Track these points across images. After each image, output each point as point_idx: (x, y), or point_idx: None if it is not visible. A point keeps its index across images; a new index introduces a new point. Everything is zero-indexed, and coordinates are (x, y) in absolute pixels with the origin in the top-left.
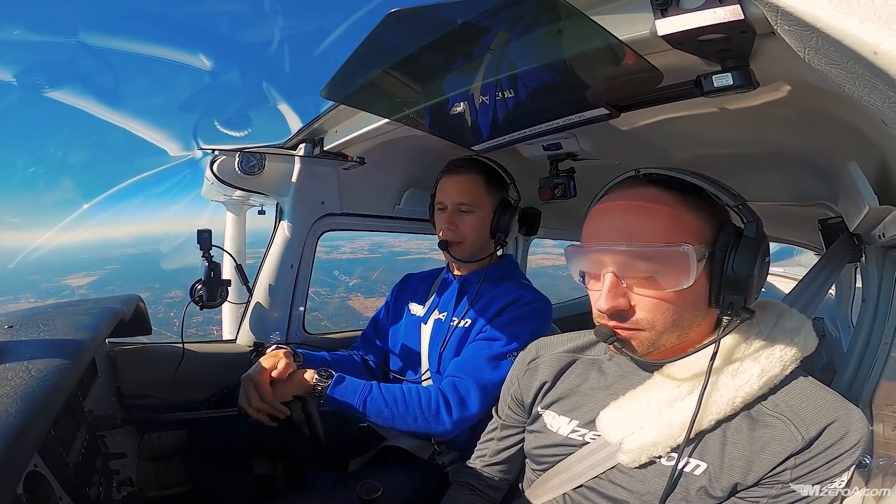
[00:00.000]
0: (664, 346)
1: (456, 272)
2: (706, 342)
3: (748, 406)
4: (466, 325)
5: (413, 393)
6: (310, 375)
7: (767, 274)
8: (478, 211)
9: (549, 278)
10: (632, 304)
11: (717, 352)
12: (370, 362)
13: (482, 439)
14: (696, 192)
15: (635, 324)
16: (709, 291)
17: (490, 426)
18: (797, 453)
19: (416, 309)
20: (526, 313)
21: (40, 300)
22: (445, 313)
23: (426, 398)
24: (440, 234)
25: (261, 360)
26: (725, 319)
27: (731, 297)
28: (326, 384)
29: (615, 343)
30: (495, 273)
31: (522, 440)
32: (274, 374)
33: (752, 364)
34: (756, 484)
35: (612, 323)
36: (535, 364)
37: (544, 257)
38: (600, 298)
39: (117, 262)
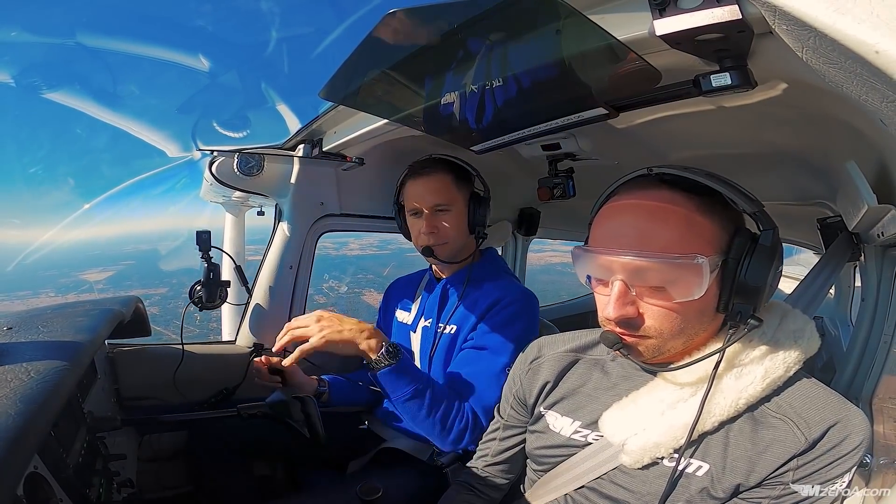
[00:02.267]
0: (669, 352)
1: (439, 275)
2: (711, 351)
3: (751, 407)
4: (452, 332)
5: (454, 409)
6: (375, 345)
7: (779, 281)
8: (454, 209)
9: (557, 275)
10: (640, 311)
11: (721, 360)
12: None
13: (484, 439)
14: (711, 194)
15: (643, 332)
16: (718, 299)
17: (492, 426)
18: (800, 454)
19: (404, 317)
20: (510, 315)
21: (60, 295)
22: (431, 320)
23: (459, 417)
24: (420, 242)
25: None
26: (732, 329)
27: (740, 305)
28: (387, 363)
29: (621, 349)
30: (478, 272)
31: (524, 440)
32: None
33: (755, 366)
34: (758, 485)
35: (618, 330)
36: (537, 364)
37: (552, 254)
38: (608, 306)
39: (131, 258)
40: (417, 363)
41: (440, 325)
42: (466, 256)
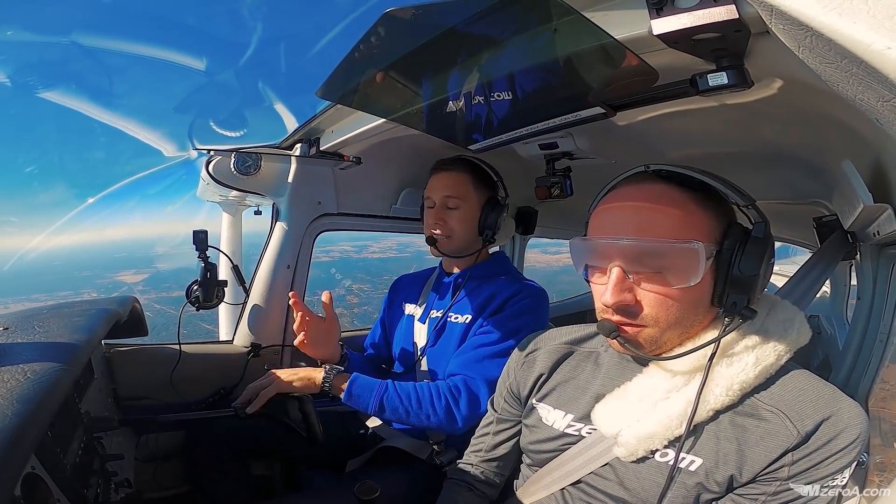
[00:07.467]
0: (666, 344)
1: (450, 270)
2: (706, 341)
3: (744, 398)
4: (467, 321)
5: (426, 391)
6: (321, 375)
7: (771, 274)
8: (464, 206)
9: (573, 274)
10: (637, 299)
11: (716, 351)
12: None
13: (477, 434)
14: (706, 189)
15: (640, 320)
16: (713, 290)
17: (485, 421)
18: (793, 449)
19: (411, 309)
20: (525, 307)
21: (102, 296)
22: (442, 310)
23: (437, 396)
24: (427, 231)
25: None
26: (727, 319)
27: (735, 296)
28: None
29: (618, 339)
30: (489, 269)
31: (518, 434)
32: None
33: (746, 354)
34: (752, 480)
35: (616, 318)
36: (532, 357)
37: (566, 256)
38: (606, 292)
39: (163, 261)
40: (421, 352)
41: (452, 315)
42: (469, 254)
